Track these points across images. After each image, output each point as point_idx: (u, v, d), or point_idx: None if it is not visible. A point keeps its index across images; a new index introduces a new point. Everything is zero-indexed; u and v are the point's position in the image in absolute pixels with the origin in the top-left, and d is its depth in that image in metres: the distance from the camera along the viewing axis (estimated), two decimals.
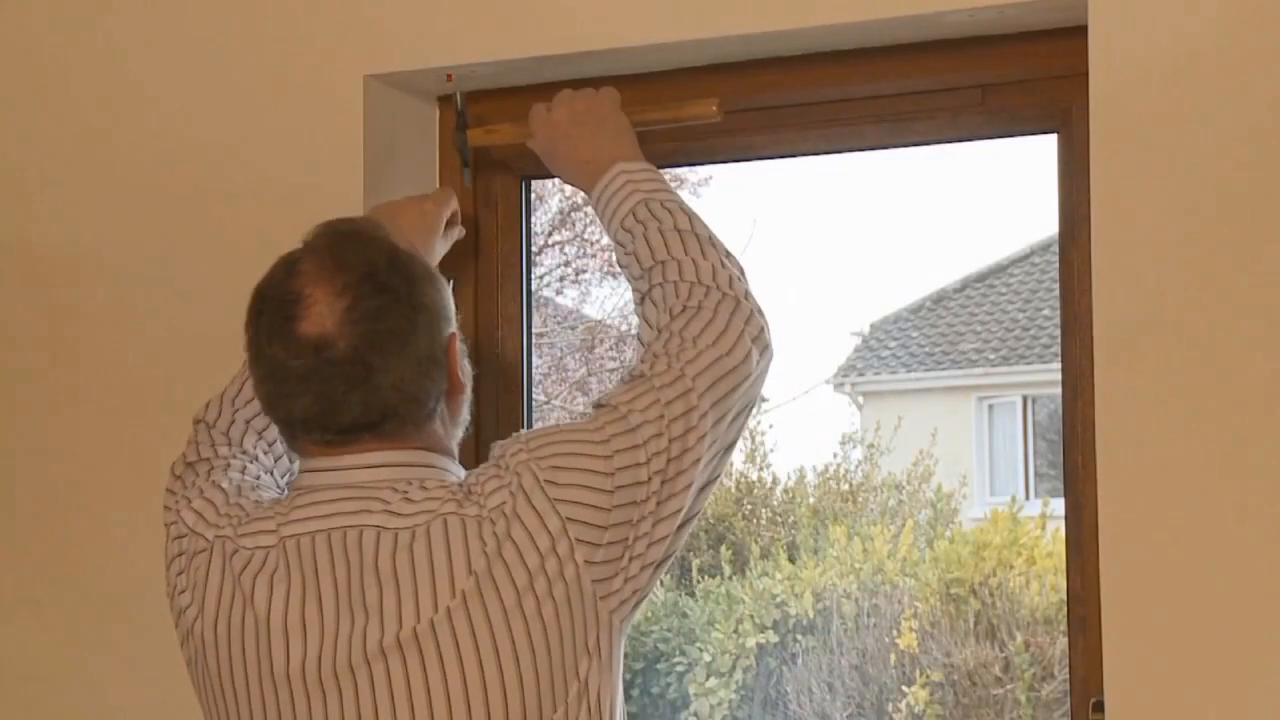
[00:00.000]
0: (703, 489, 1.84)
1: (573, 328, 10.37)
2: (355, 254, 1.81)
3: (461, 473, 1.85)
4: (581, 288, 10.38)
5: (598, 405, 1.84)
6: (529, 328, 2.58)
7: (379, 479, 1.79)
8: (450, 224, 2.36)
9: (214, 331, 2.57)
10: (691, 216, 2.00)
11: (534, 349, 2.62)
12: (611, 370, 10.41)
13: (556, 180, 2.32)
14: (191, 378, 2.59)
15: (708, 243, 1.97)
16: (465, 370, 1.90)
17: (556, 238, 10.08)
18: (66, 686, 2.66)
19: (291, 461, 2.01)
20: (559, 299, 10.33)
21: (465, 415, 1.93)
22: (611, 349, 10.47)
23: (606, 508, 1.75)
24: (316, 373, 1.76)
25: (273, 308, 1.81)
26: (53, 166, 2.70)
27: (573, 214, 10.10)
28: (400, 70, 2.49)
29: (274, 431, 1.96)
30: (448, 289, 1.89)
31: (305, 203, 2.52)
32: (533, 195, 2.63)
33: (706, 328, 1.86)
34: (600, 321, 10.48)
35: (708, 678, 9.03)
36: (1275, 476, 2.03)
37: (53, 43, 2.71)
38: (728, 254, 1.97)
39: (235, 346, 2.53)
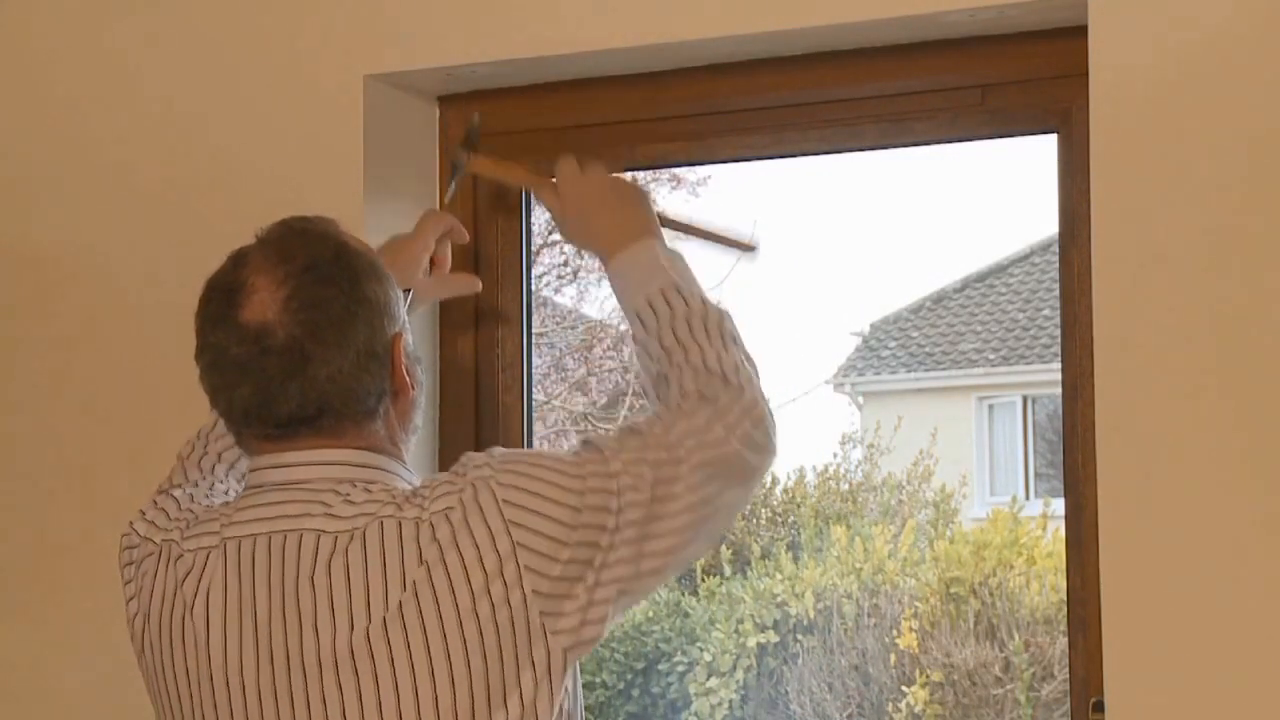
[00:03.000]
0: (685, 559, 1.84)
1: (572, 327, 10.36)
2: (301, 247, 1.83)
3: (413, 478, 1.85)
4: (580, 287, 10.38)
5: (585, 443, 1.83)
6: (529, 328, 2.58)
7: (323, 477, 1.79)
8: (442, 263, 2.29)
9: None
10: (722, 312, 1.99)
11: (533, 349, 2.61)
12: (610, 370, 10.41)
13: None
14: (192, 377, 2.58)
15: (731, 339, 1.96)
16: (414, 374, 1.88)
17: (555, 237, 10.08)
18: (64, 688, 2.66)
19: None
20: (557, 298, 10.32)
21: (416, 421, 1.91)
22: (610, 349, 10.46)
23: (565, 542, 1.73)
24: (255, 362, 1.77)
25: (218, 297, 1.83)
26: (52, 167, 2.70)
27: None
28: (400, 70, 2.49)
29: (244, 462, 1.95)
30: (396, 289, 1.88)
31: (305, 203, 2.52)
32: (532, 195, 2.62)
33: (714, 417, 1.86)
34: (599, 321, 10.48)
35: (708, 678, 9.03)
36: (1275, 476, 2.03)
37: (53, 43, 2.70)
38: (747, 355, 1.97)
39: None
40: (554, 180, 2.17)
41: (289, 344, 1.76)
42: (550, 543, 1.73)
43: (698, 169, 9.74)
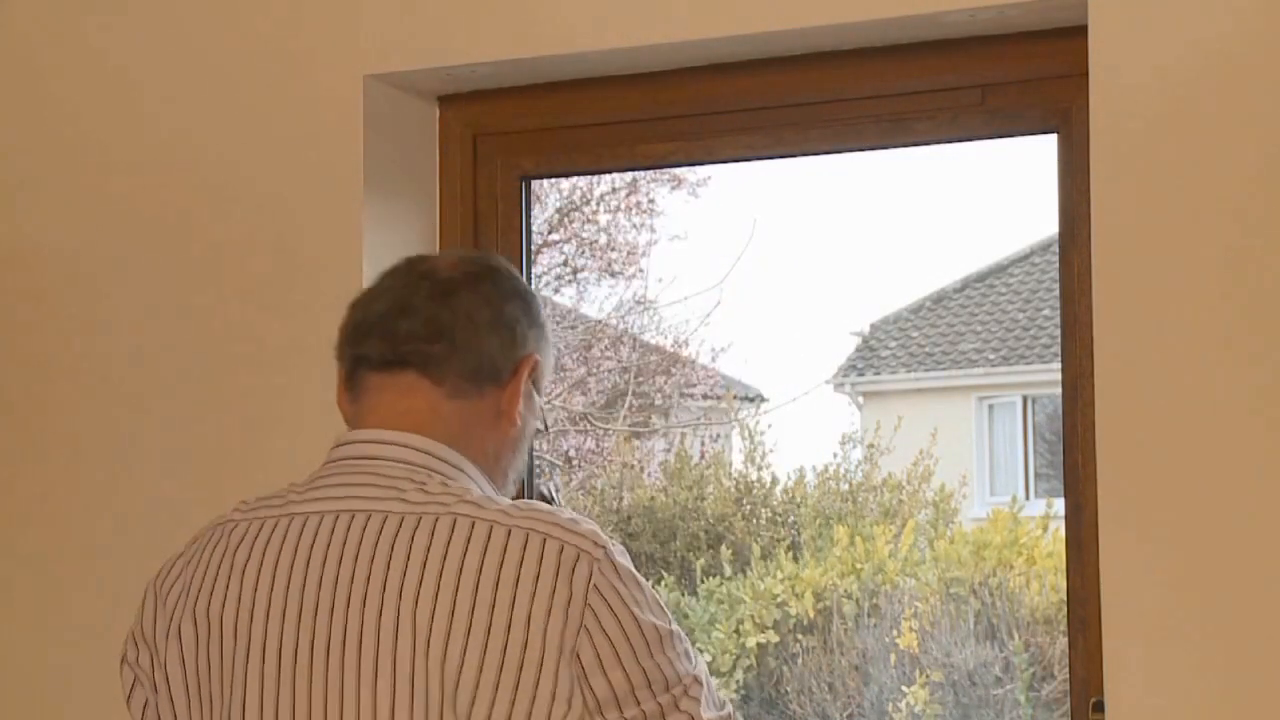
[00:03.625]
0: None
1: (571, 327, 10.37)
2: (492, 258, 1.92)
3: (493, 492, 1.81)
4: (579, 287, 10.38)
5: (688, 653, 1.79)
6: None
7: (403, 460, 1.77)
8: None
9: (215, 331, 2.58)
10: None
11: None
12: (609, 370, 10.41)
13: (553, 180, 2.31)
14: (193, 378, 2.59)
15: None
16: (528, 403, 1.85)
17: (554, 237, 10.08)
18: (63, 689, 2.67)
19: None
20: (557, 298, 10.33)
21: (509, 466, 1.86)
22: (609, 348, 10.47)
23: (622, 671, 1.70)
24: (407, 286, 1.82)
25: (404, 263, 1.88)
26: (54, 168, 2.70)
27: (571, 213, 10.11)
28: (400, 70, 2.48)
29: None
30: (551, 348, 1.91)
31: (305, 202, 2.52)
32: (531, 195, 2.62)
33: None
34: (599, 321, 10.49)
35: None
36: (1275, 476, 2.03)
37: (55, 45, 2.70)
38: None
39: (236, 345, 2.54)
40: None
41: (445, 279, 1.82)
42: (613, 659, 1.70)
43: (698, 169, 9.75)
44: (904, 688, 8.72)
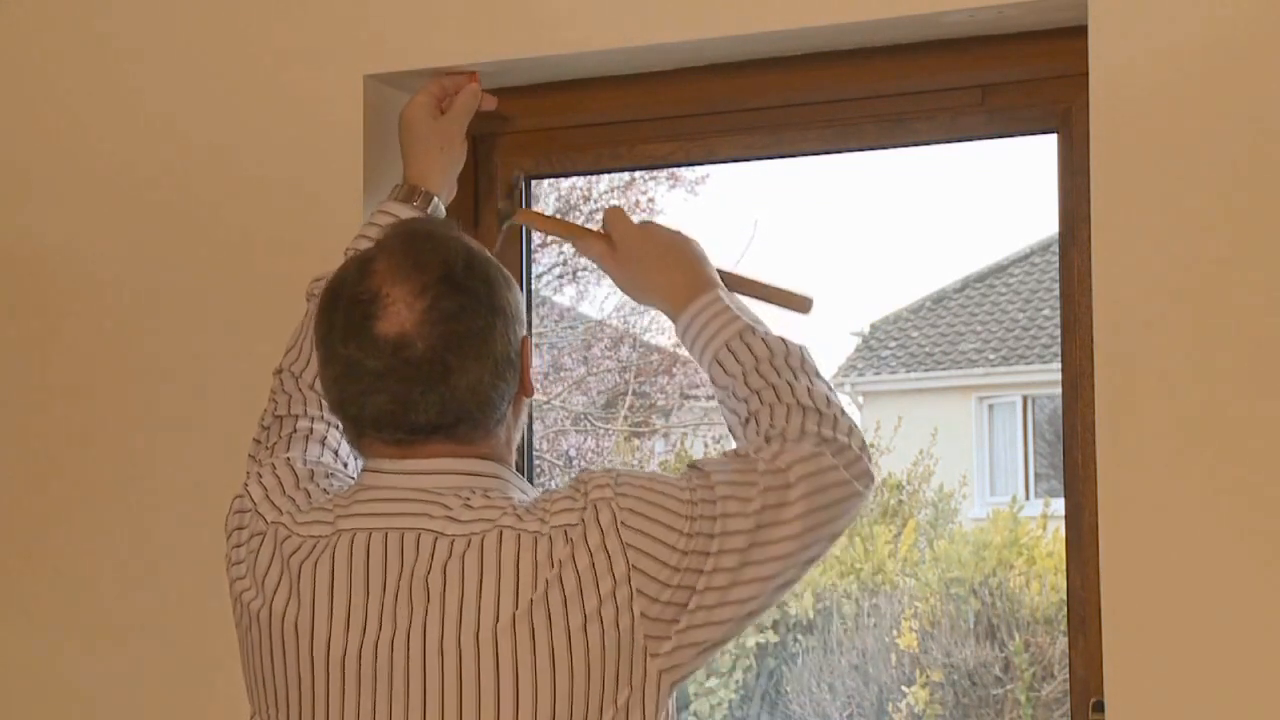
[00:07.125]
0: (780, 587, 1.81)
1: (571, 327, 10.36)
2: (431, 254, 1.80)
3: (524, 485, 1.84)
4: (579, 287, 10.37)
5: (692, 466, 1.82)
6: (530, 327, 2.57)
7: (443, 485, 1.78)
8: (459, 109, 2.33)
9: (214, 331, 2.58)
10: (801, 347, 1.99)
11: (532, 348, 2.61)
12: (609, 369, 10.41)
13: (552, 180, 2.31)
14: (191, 379, 2.59)
15: (814, 372, 1.96)
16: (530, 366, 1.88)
17: (553, 236, 10.07)
18: (61, 690, 2.66)
19: (356, 459, 1.98)
20: (557, 298, 10.33)
21: (525, 418, 1.91)
22: (609, 348, 10.47)
23: (675, 567, 1.73)
24: (394, 372, 1.75)
25: (348, 306, 1.78)
26: (54, 168, 2.70)
27: (569, 213, 10.10)
28: (400, 70, 2.48)
29: None
30: (520, 292, 1.88)
31: (305, 203, 2.52)
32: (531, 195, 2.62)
33: (820, 445, 1.84)
34: (598, 321, 10.48)
35: (708, 677, 9.03)
36: (1275, 477, 2.03)
37: (55, 45, 2.70)
38: (829, 385, 1.97)
39: (234, 345, 2.54)
40: (604, 232, 2.14)
41: (429, 356, 1.75)
42: (662, 567, 1.73)
43: (697, 168, 9.74)
44: (904, 688, 8.72)
